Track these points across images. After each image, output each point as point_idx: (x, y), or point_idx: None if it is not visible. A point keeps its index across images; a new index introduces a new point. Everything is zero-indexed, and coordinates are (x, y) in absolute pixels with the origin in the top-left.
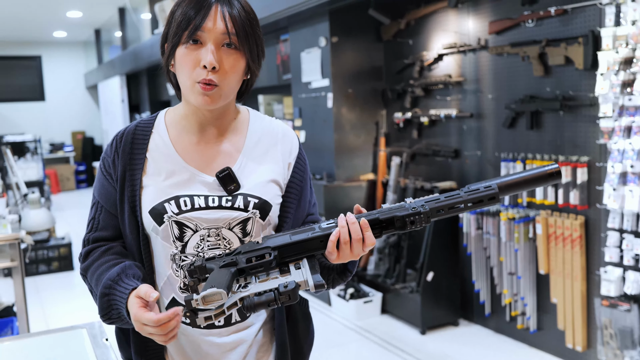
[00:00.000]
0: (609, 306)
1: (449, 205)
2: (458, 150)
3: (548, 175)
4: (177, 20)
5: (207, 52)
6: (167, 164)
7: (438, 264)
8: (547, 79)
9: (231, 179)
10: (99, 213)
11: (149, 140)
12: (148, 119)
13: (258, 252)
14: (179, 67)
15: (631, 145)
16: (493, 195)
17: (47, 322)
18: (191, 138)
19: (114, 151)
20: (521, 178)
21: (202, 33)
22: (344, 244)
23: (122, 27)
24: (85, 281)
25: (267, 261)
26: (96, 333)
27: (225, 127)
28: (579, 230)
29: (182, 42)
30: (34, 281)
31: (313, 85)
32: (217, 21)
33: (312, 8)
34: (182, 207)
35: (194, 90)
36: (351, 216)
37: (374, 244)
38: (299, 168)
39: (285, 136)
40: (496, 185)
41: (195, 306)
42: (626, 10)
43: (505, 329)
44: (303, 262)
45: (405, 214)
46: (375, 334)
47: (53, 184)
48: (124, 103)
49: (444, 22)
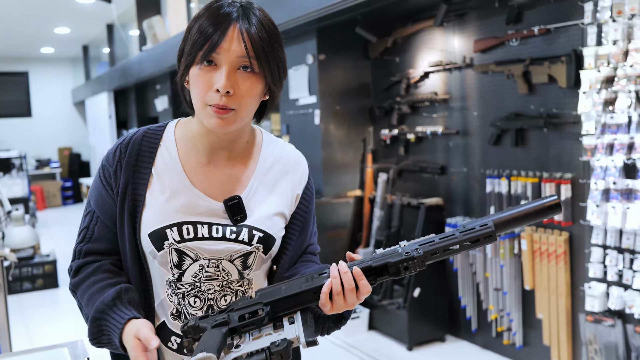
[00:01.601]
0: (594, 322)
1: (444, 247)
2: (444, 167)
3: (547, 209)
4: (193, 38)
5: (222, 75)
6: (173, 183)
7: (425, 280)
8: (531, 97)
9: (239, 209)
10: (94, 223)
11: (156, 154)
12: (156, 128)
13: (251, 309)
14: (192, 87)
15: (613, 163)
16: (490, 234)
17: (31, 341)
18: (200, 158)
19: (117, 161)
20: (519, 213)
21: (217, 55)
22: (337, 294)
23: (110, 43)
24: (75, 297)
25: (259, 318)
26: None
27: (237, 151)
28: (564, 246)
29: (196, 62)
30: (18, 299)
31: (301, 102)
32: (234, 42)
33: (300, 26)
34: (184, 236)
35: (205, 112)
36: (343, 265)
37: (369, 293)
38: (305, 199)
39: (296, 165)
40: (492, 222)
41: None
42: (607, 30)
43: (492, 344)
44: (297, 315)
45: (398, 260)
46: (362, 350)
47: (39, 200)
48: (111, 119)
49: (430, 40)
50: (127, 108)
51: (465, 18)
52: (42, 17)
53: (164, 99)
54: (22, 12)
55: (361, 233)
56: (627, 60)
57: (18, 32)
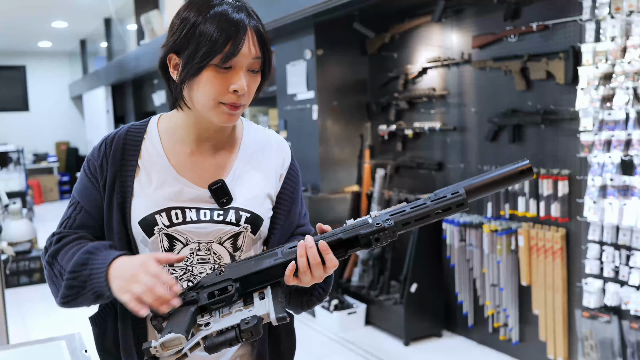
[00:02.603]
0: (590, 318)
1: (416, 217)
2: (442, 163)
3: (519, 173)
4: (209, 40)
5: (240, 78)
6: (159, 174)
7: (421, 275)
8: (528, 93)
9: (224, 191)
10: (77, 212)
11: (141, 147)
12: (139, 124)
13: (220, 285)
14: (202, 87)
15: (610, 159)
16: (461, 202)
17: (28, 335)
18: (185, 149)
19: (102, 155)
20: (491, 179)
21: (236, 59)
22: (303, 272)
23: (107, 38)
24: (52, 267)
25: (229, 295)
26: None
27: (221, 140)
28: (560, 242)
29: (211, 64)
30: (15, 293)
31: (298, 97)
32: (250, 46)
33: (298, 21)
34: (173, 220)
35: (218, 110)
36: (310, 240)
37: (336, 266)
38: (290, 179)
39: (278, 147)
40: (463, 189)
41: (155, 354)
42: (606, 27)
43: (488, 340)
44: (267, 290)
45: (369, 231)
46: (359, 345)
47: (36, 194)
48: (109, 114)
49: (428, 36)
50: (125, 103)
51: (463, 14)
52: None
53: (162, 93)
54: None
55: None
56: (625, 57)
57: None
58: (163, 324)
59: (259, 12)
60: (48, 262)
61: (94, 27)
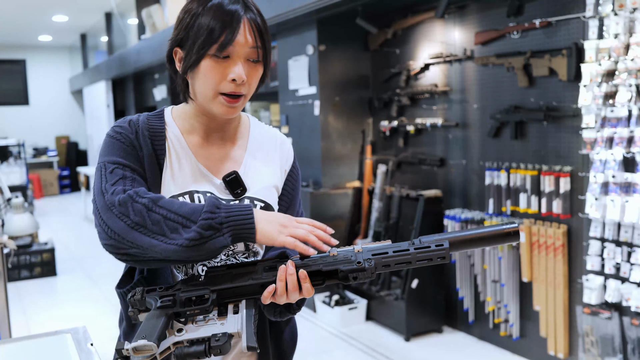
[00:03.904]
0: (591, 314)
1: (396, 262)
2: (443, 159)
3: (505, 235)
4: (206, 30)
5: (238, 66)
6: (181, 157)
7: (422, 271)
8: (531, 90)
9: (238, 182)
10: (131, 172)
11: (166, 133)
12: (154, 113)
13: (197, 292)
14: (202, 77)
15: (613, 156)
16: (443, 255)
17: (29, 329)
18: (197, 140)
19: (135, 133)
20: (475, 235)
21: (232, 47)
22: (280, 296)
23: (108, 32)
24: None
25: (205, 307)
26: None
27: (229, 132)
28: (562, 238)
29: (209, 55)
30: (15, 287)
31: (300, 92)
32: (246, 35)
33: (300, 16)
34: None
35: (217, 101)
36: (291, 268)
37: (311, 295)
38: (292, 176)
39: (283, 144)
40: (448, 242)
41: (126, 354)
42: (609, 24)
43: (489, 336)
44: (242, 304)
45: (348, 269)
46: (360, 340)
47: (36, 189)
48: (109, 108)
49: (431, 32)
50: (125, 97)
51: (466, 10)
52: (40, 5)
53: (163, 88)
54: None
55: (360, 224)
56: (628, 54)
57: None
58: (139, 315)
59: (262, 7)
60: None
61: (94, 21)
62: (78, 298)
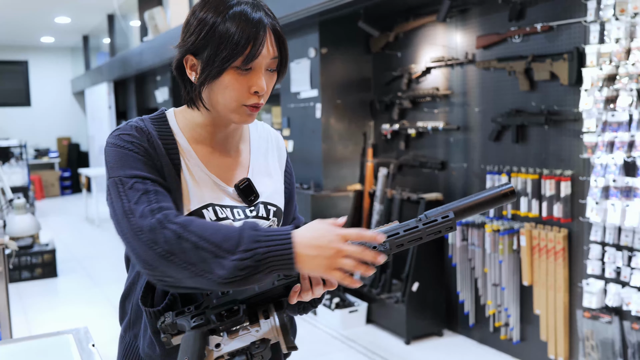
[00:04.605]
0: (591, 318)
1: (409, 239)
2: (445, 162)
3: (502, 196)
4: (229, 43)
5: (260, 79)
6: (193, 168)
7: (423, 274)
8: (532, 94)
9: (251, 190)
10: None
11: (175, 139)
12: (157, 117)
13: (227, 306)
14: (224, 89)
15: (613, 160)
16: (450, 226)
17: (30, 330)
18: (206, 147)
19: (147, 139)
20: (477, 201)
21: (256, 60)
22: (305, 292)
23: (110, 33)
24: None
25: (237, 318)
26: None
27: (235, 139)
28: (562, 242)
29: (233, 67)
30: (16, 287)
31: (302, 95)
32: (269, 47)
33: (303, 19)
34: (219, 215)
35: (240, 111)
36: None
37: (335, 287)
38: (288, 171)
39: (277, 141)
40: (452, 212)
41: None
42: (610, 28)
43: (489, 339)
44: (271, 309)
45: None
46: (360, 343)
47: (37, 190)
48: (111, 110)
49: (433, 35)
50: (127, 99)
51: (468, 14)
52: (42, 6)
53: (165, 90)
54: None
55: (360, 227)
56: (629, 59)
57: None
58: (172, 339)
59: None
60: (176, 235)
61: (97, 23)
62: (79, 299)
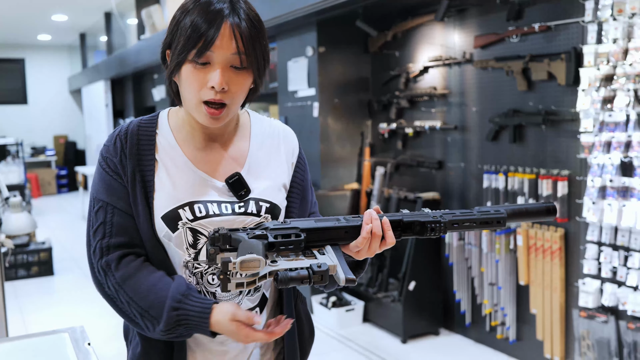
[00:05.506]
0: (587, 317)
1: (463, 221)
2: (442, 162)
3: (546, 211)
4: (185, 35)
5: (217, 74)
6: (177, 167)
7: (420, 273)
8: (530, 94)
9: (241, 184)
10: (110, 216)
11: (155, 141)
12: (148, 118)
13: (286, 231)
14: (184, 84)
15: (610, 160)
16: (501, 219)
17: (26, 328)
18: (196, 143)
19: (120, 151)
20: (526, 209)
21: (211, 53)
22: (364, 239)
23: (107, 31)
24: (118, 293)
25: (298, 240)
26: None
27: (229, 134)
28: (559, 242)
29: (188, 60)
30: (13, 286)
31: (299, 94)
32: (226, 41)
33: (300, 18)
34: (196, 214)
35: (199, 109)
36: (374, 214)
37: (393, 244)
38: (300, 167)
39: (286, 136)
40: (505, 210)
41: (232, 269)
42: (608, 29)
43: (485, 338)
44: (327, 249)
45: (427, 220)
46: (356, 342)
47: (34, 188)
48: (108, 108)
49: (430, 35)
50: (124, 97)
51: (466, 13)
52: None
53: (162, 88)
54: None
55: None
56: (626, 59)
57: (15, 19)
58: (219, 255)
59: (262, 8)
60: (116, 286)
61: (94, 21)
62: (75, 297)
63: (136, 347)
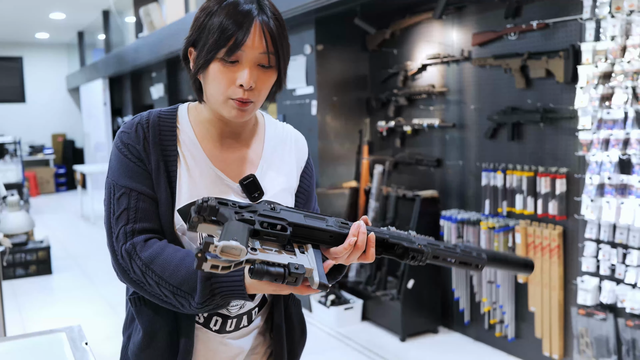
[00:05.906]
0: (585, 315)
1: (444, 256)
2: (440, 160)
3: (523, 264)
4: (215, 33)
5: (245, 72)
6: (196, 163)
7: (418, 271)
8: (528, 92)
9: (255, 186)
10: (135, 201)
11: (177, 134)
12: (168, 111)
13: (274, 221)
14: (211, 81)
15: (609, 158)
16: (479, 263)
17: (25, 327)
18: (214, 142)
19: (143, 139)
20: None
21: (241, 52)
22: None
23: (105, 30)
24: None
25: (283, 235)
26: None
27: (245, 134)
28: (557, 240)
29: (217, 58)
30: (10, 285)
31: (298, 92)
32: (256, 40)
33: (299, 16)
34: None
35: (227, 104)
36: (363, 226)
37: (372, 261)
38: (307, 174)
39: (297, 142)
40: (486, 256)
41: (212, 251)
42: (606, 26)
43: (484, 336)
44: (309, 249)
45: (410, 247)
46: (355, 340)
47: (32, 186)
48: (106, 106)
49: (429, 33)
50: (122, 95)
51: (464, 11)
52: (37, 2)
53: (160, 86)
54: None
55: None
56: (624, 57)
57: (13, 17)
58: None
59: None
60: (140, 271)
61: (92, 19)
62: (73, 296)
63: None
